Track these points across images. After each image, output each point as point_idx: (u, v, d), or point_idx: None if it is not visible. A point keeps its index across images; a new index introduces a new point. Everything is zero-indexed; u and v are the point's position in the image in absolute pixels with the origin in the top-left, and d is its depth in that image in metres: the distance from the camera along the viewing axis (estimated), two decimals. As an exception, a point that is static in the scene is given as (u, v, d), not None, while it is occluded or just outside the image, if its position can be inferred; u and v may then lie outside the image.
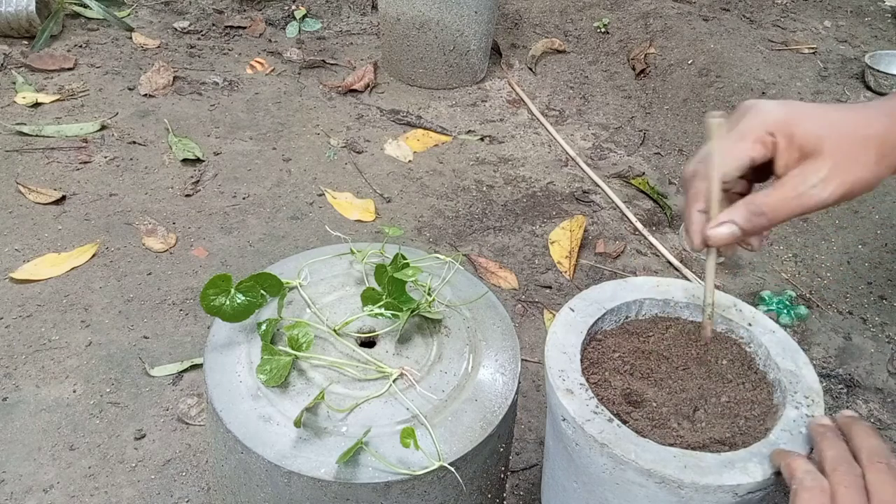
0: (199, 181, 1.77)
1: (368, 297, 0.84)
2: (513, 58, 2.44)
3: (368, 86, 2.21)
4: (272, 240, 1.62)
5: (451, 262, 0.92)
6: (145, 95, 2.06)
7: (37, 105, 1.98)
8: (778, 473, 0.63)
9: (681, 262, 1.64)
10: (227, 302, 0.79)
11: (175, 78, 2.14)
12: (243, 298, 0.80)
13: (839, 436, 0.62)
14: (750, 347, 0.79)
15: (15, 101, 1.98)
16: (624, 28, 2.53)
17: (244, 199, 1.74)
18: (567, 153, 2.00)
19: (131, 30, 2.37)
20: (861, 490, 0.56)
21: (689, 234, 0.66)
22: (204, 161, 1.84)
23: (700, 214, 0.65)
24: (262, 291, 0.82)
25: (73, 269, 1.49)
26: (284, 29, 2.49)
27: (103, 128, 1.91)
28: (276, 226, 1.66)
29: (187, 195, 1.72)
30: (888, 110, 0.63)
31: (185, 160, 1.82)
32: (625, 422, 0.70)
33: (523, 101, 2.22)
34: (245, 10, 2.55)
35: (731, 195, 0.68)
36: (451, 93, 2.25)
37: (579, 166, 1.95)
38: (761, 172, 0.67)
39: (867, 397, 1.36)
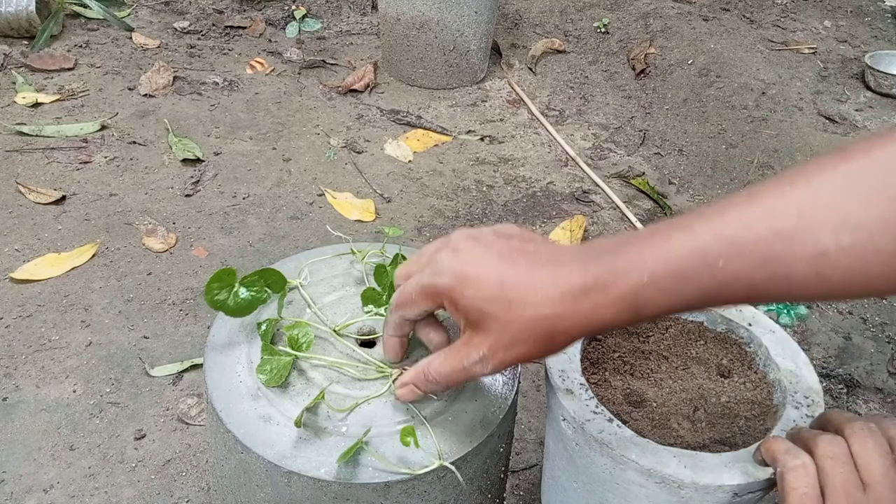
0: (199, 181, 1.77)
1: (369, 297, 0.84)
2: (513, 58, 2.44)
3: (368, 86, 2.21)
4: (272, 240, 1.62)
5: (451, 262, 0.92)
6: (145, 95, 2.06)
7: (37, 105, 1.98)
8: (770, 475, 0.63)
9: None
10: (231, 296, 0.78)
11: (175, 78, 2.14)
12: (247, 293, 0.79)
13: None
14: (750, 347, 0.79)
15: (15, 101, 1.98)
16: (624, 28, 2.53)
17: (244, 199, 1.74)
18: (567, 153, 2.00)
19: (131, 30, 2.37)
20: (848, 459, 0.56)
21: (387, 354, 0.73)
22: (204, 161, 1.84)
23: (396, 339, 0.72)
24: (265, 287, 0.82)
25: (73, 269, 1.49)
26: (284, 29, 2.49)
27: (103, 128, 1.91)
28: (276, 226, 1.66)
29: (187, 195, 1.72)
30: (575, 291, 0.54)
31: (185, 160, 1.82)
32: (625, 422, 0.70)
33: (523, 101, 2.22)
34: (245, 10, 2.55)
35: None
36: (451, 93, 2.25)
37: (579, 166, 1.95)
38: None
39: (867, 397, 1.36)
